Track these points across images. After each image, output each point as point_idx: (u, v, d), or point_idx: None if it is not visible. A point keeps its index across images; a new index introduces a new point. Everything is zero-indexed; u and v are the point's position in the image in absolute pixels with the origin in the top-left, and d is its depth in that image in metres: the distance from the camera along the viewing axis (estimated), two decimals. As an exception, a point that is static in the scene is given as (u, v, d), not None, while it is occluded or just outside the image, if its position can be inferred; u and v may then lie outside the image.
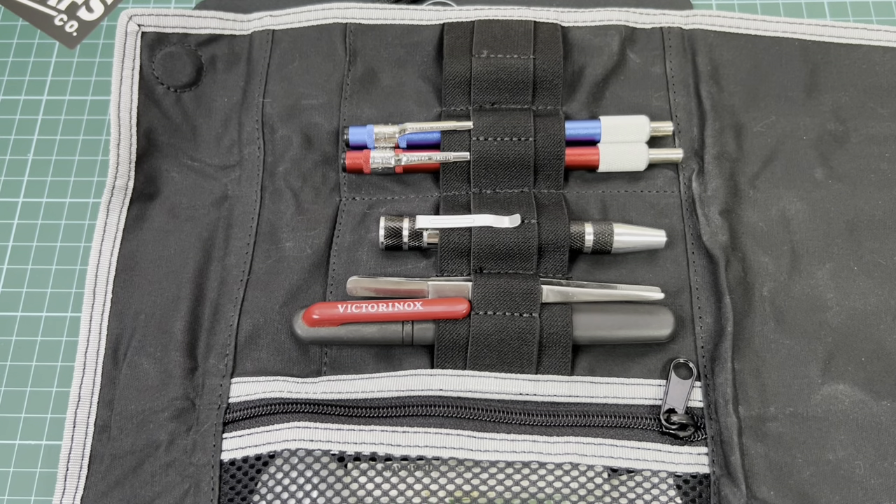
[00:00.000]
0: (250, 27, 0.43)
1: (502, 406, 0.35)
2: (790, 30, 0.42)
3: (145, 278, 0.38)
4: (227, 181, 0.40)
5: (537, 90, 0.41)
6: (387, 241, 0.37)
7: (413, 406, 0.34)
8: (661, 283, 0.37)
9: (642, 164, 0.39)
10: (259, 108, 0.41)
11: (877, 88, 0.41)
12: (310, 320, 0.36)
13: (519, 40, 0.41)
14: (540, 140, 0.39)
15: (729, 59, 0.42)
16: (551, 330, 0.35)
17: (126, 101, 0.40)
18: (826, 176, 0.39)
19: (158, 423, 0.35)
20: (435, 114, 0.41)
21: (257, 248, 0.39)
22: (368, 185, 0.40)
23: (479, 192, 0.39)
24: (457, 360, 0.35)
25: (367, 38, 0.42)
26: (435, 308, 0.35)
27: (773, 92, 0.41)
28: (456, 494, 0.33)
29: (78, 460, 0.35)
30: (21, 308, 0.41)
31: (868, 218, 0.38)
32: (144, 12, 0.41)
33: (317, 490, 0.33)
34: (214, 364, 0.36)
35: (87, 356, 0.36)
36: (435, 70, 0.42)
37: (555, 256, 0.37)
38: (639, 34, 0.42)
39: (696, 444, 0.34)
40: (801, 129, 0.40)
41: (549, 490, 0.33)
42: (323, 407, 0.35)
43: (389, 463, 0.34)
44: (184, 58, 0.41)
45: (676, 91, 0.41)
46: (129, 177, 0.39)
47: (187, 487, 0.34)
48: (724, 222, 0.38)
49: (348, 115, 0.41)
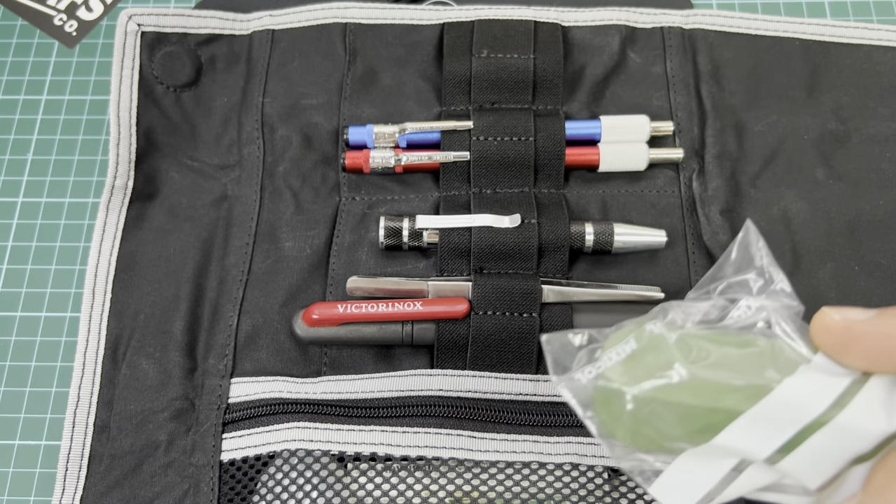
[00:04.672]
0: (250, 27, 0.43)
1: (502, 406, 0.35)
2: (791, 29, 0.42)
3: (145, 278, 0.38)
4: (227, 181, 0.40)
5: (537, 90, 0.41)
6: (387, 240, 0.37)
7: (413, 406, 0.34)
8: (662, 283, 0.37)
9: (643, 164, 0.39)
10: (259, 107, 0.41)
11: (878, 88, 0.41)
12: (309, 320, 0.35)
13: (519, 40, 0.41)
14: (540, 140, 0.39)
15: (730, 58, 0.42)
16: (551, 330, 0.35)
17: (125, 100, 0.40)
18: (827, 175, 0.39)
19: (158, 424, 0.35)
20: (435, 113, 0.41)
21: (257, 247, 0.39)
22: (368, 184, 0.40)
23: (479, 192, 0.39)
24: (457, 360, 0.35)
25: (366, 37, 0.42)
26: (435, 308, 0.35)
27: (773, 91, 0.41)
28: (456, 495, 0.33)
29: (77, 460, 0.34)
30: (20, 308, 0.41)
31: (869, 218, 0.38)
32: (144, 12, 0.41)
33: (317, 490, 0.33)
34: (214, 364, 0.36)
35: (86, 356, 0.36)
36: (435, 70, 0.42)
37: (555, 256, 0.37)
38: (639, 34, 0.42)
39: (696, 444, 0.34)
40: (802, 129, 0.40)
41: (549, 490, 0.33)
42: (323, 407, 0.35)
43: (389, 463, 0.34)
44: (183, 57, 0.41)
45: (677, 91, 0.41)
46: (129, 176, 0.39)
47: (187, 488, 0.34)
48: (725, 222, 0.38)
49: (348, 115, 0.41)
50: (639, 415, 0.25)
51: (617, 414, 0.26)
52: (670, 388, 0.25)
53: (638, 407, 0.25)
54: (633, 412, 0.25)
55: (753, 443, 0.24)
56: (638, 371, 0.26)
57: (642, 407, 0.25)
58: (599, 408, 0.26)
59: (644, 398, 0.25)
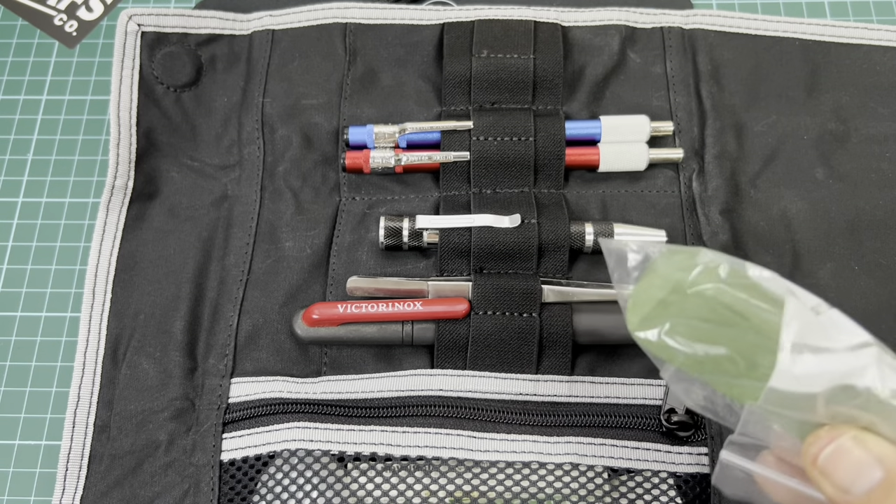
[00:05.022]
0: (250, 27, 0.43)
1: (502, 406, 0.35)
2: (791, 29, 0.42)
3: (145, 278, 0.38)
4: (227, 181, 0.40)
5: (537, 90, 0.41)
6: (387, 240, 0.37)
7: (413, 406, 0.34)
8: (662, 283, 0.37)
9: (642, 164, 0.39)
10: (259, 107, 0.41)
11: (877, 88, 0.41)
12: (309, 320, 0.36)
13: (519, 40, 0.41)
14: (540, 140, 0.39)
15: (729, 58, 0.42)
16: (551, 330, 0.35)
17: (126, 100, 0.40)
18: (827, 175, 0.39)
19: (158, 424, 0.35)
20: (435, 113, 0.41)
21: (257, 247, 0.39)
22: (368, 184, 0.40)
23: (479, 192, 0.39)
24: (457, 360, 0.35)
25: (367, 37, 0.42)
26: (435, 308, 0.35)
27: (773, 91, 0.41)
28: (456, 494, 0.33)
29: (77, 460, 0.35)
30: (21, 308, 0.41)
31: (869, 218, 0.38)
32: (144, 12, 0.41)
33: (317, 490, 0.33)
34: (214, 364, 0.36)
35: (86, 356, 0.36)
36: (435, 70, 0.42)
37: (555, 256, 0.37)
38: (639, 34, 0.42)
39: (696, 444, 0.34)
40: (802, 129, 0.40)
41: (549, 490, 0.33)
42: (323, 407, 0.35)
43: (389, 463, 0.34)
44: (183, 57, 0.41)
45: (677, 91, 0.41)
46: (129, 176, 0.39)
47: (187, 488, 0.34)
48: (725, 222, 0.38)
49: (348, 115, 0.41)
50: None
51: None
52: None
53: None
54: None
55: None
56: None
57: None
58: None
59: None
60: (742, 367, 0.25)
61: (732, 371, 0.25)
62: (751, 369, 0.25)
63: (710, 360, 0.25)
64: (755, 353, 0.25)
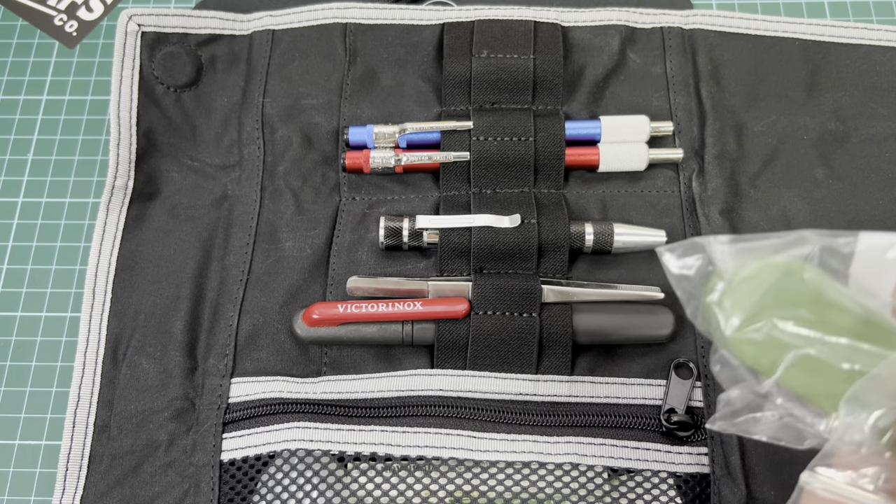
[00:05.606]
0: (250, 27, 0.43)
1: (502, 406, 0.35)
2: (791, 29, 0.42)
3: (145, 278, 0.38)
4: (227, 181, 0.40)
5: (537, 90, 0.41)
6: (387, 240, 0.37)
7: (413, 406, 0.34)
8: (661, 283, 0.37)
9: (642, 164, 0.39)
10: (259, 107, 0.41)
11: (877, 88, 0.41)
12: (310, 320, 0.36)
13: (519, 40, 0.41)
14: (540, 140, 0.39)
15: (729, 58, 0.42)
16: (551, 330, 0.35)
17: (126, 100, 0.40)
18: (827, 176, 0.39)
19: (158, 424, 0.35)
20: (435, 114, 0.41)
21: (257, 247, 0.39)
22: (368, 184, 0.40)
23: (479, 192, 0.39)
24: (457, 360, 0.35)
25: (367, 38, 0.42)
26: (435, 308, 0.35)
27: (773, 92, 0.41)
28: (456, 494, 0.33)
29: (77, 460, 0.35)
30: (21, 308, 0.41)
31: (869, 218, 0.38)
32: (144, 12, 0.41)
33: (317, 490, 0.33)
34: (214, 364, 0.36)
35: (86, 356, 0.36)
36: (435, 70, 0.42)
37: (555, 256, 0.37)
38: (639, 34, 0.42)
39: (696, 444, 0.34)
40: (802, 129, 0.40)
41: (549, 490, 0.33)
42: (323, 407, 0.35)
43: (389, 463, 0.34)
44: (184, 58, 0.41)
45: (676, 91, 0.41)
46: (129, 176, 0.39)
47: (187, 488, 0.34)
48: (725, 222, 0.38)
49: (348, 115, 0.41)
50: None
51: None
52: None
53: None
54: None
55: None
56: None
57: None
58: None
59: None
60: (864, 357, 0.23)
61: (852, 359, 0.24)
62: (873, 358, 0.23)
63: (827, 350, 0.24)
64: (874, 341, 0.24)
